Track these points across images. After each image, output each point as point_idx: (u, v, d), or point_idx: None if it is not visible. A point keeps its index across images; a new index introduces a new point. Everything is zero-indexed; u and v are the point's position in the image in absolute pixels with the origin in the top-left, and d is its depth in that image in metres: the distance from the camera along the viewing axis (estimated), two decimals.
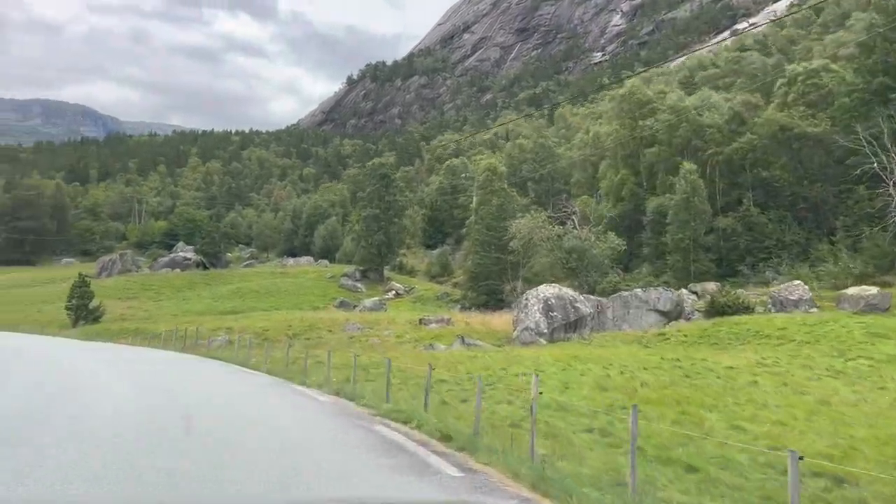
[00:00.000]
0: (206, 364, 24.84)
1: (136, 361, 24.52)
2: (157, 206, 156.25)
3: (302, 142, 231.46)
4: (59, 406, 12.74)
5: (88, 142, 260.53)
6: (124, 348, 32.08)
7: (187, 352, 29.65)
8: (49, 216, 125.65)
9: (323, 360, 22.83)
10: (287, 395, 16.36)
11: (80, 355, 26.39)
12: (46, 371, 20.22)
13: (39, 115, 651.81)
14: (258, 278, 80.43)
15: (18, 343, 31.14)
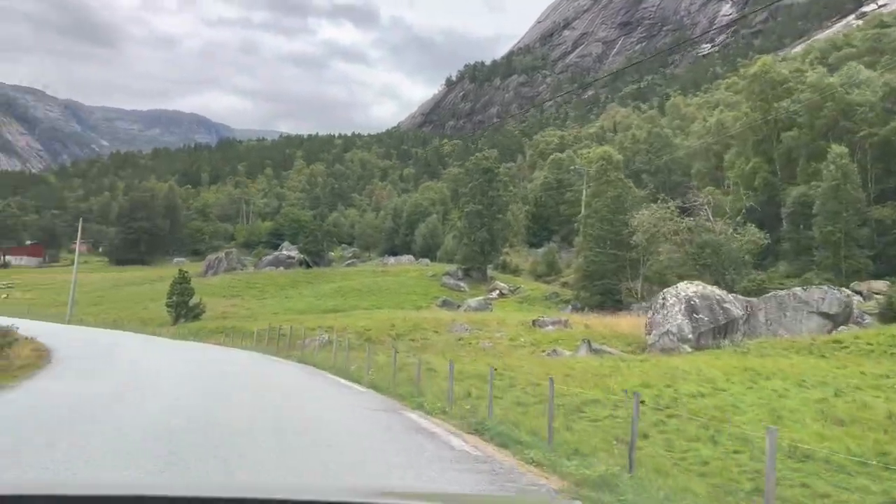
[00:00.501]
0: (296, 371, 21.57)
1: (207, 362, 21.62)
2: (264, 207, 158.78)
3: (402, 143, 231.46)
4: (101, 409, 11.71)
5: (201, 147, 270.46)
6: (211, 348, 29.64)
7: (280, 354, 26.60)
8: (162, 217, 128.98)
9: (435, 368, 18.83)
10: (401, 433, 10.87)
11: (158, 355, 23.81)
12: (111, 371, 17.38)
13: (159, 125, 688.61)
14: (360, 277, 78.17)
15: (107, 341, 29.22)
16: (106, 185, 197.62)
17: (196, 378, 17.16)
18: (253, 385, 17.56)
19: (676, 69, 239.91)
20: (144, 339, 32.26)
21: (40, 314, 50.54)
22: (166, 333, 40.07)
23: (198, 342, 33.93)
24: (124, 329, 41.97)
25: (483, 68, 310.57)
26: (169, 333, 39.92)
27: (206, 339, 35.91)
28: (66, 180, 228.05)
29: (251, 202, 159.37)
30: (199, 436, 9.35)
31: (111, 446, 8.69)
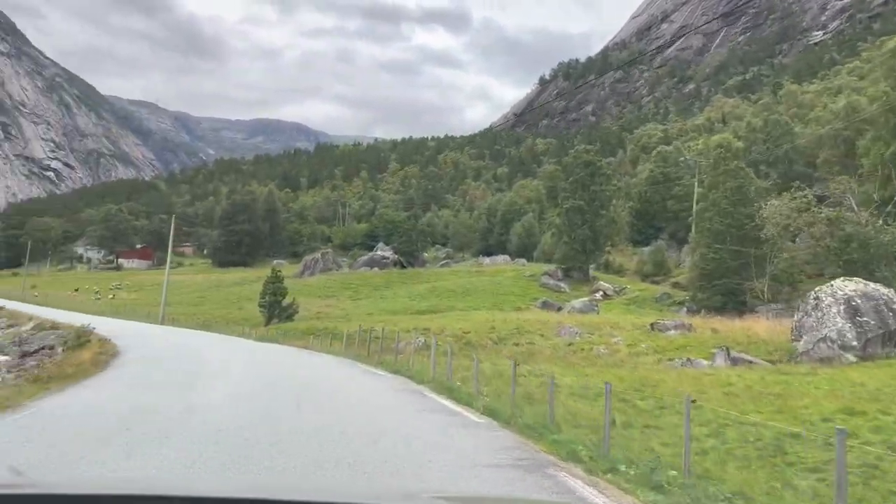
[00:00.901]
0: (388, 387, 17.37)
1: (281, 372, 18.87)
2: (360, 209, 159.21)
3: (495, 143, 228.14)
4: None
5: (300, 153, 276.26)
6: (295, 353, 27.24)
7: (371, 360, 23.54)
8: (262, 219, 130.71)
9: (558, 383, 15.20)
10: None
11: (228, 362, 21.33)
12: (163, 383, 14.80)
13: (262, 133, 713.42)
14: (454, 277, 75.31)
15: (185, 343, 27.42)
16: (210, 191, 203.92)
17: (254, 397, 13.93)
18: (325, 408, 13.51)
19: (785, 58, 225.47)
20: (226, 342, 30.09)
21: (136, 314, 50.25)
22: (255, 335, 38.12)
23: (283, 345, 31.50)
24: (212, 330, 40.43)
25: (577, 66, 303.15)
26: (257, 335, 37.95)
27: (295, 341, 33.54)
28: (174, 187, 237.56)
29: (347, 205, 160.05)
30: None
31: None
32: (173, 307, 64.73)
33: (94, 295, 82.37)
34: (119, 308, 55.73)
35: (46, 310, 52.58)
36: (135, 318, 47.47)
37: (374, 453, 8.94)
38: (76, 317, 40.54)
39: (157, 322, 46.45)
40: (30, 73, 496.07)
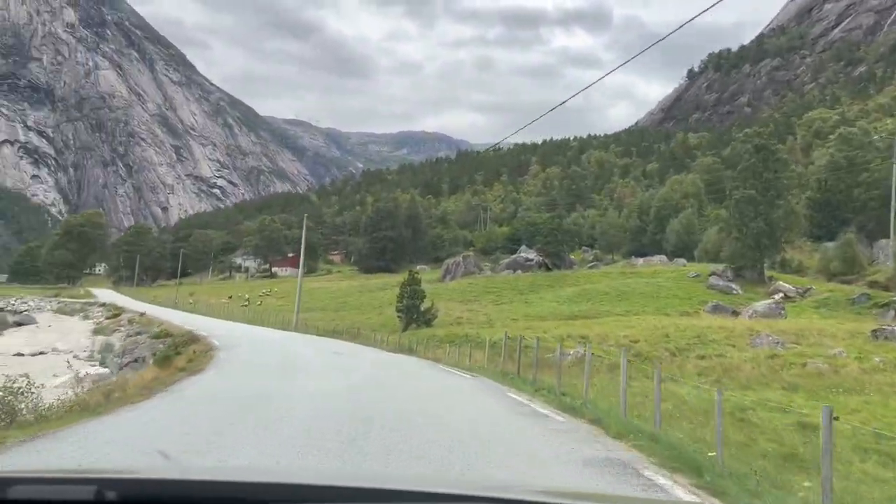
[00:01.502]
0: (566, 443, 10.14)
1: (394, 407, 12.71)
2: (501, 212, 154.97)
3: (642, 140, 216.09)
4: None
5: (442, 161, 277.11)
6: (427, 372, 21.35)
7: (522, 382, 17.49)
8: (405, 225, 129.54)
9: (806, 420, 9.10)
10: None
11: (335, 388, 15.97)
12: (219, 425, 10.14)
13: (406, 145, 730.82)
14: (606, 279, 68.44)
15: (298, 353, 23.63)
16: (357, 201, 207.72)
17: (340, 453, 8.58)
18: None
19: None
20: (347, 353, 25.62)
21: (272, 320, 48.09)
22: (388, 342, 33.91)
23: (415, 357, 27.16)
24: (342, 337, 36.79)
25: (729, 56, 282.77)
26: (390, 343, 33.56)
27: (432, 351, 28.51)
28: (325, 198, 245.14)
29: (488, 208, 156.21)
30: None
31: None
32: (315, 313, 62.83)
33: (244, 301, 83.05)
34: (261, 314, 54.37)
35: (189, 316, 51.90)
36: (269, 325, 45.24)
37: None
38: (210, 323, 38.45)
39: (290, 328, 43.88)
40: (198, 100, 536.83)
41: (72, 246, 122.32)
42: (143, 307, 58.92)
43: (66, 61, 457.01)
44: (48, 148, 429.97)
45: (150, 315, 42.95)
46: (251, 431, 9.00)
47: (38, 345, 30.76)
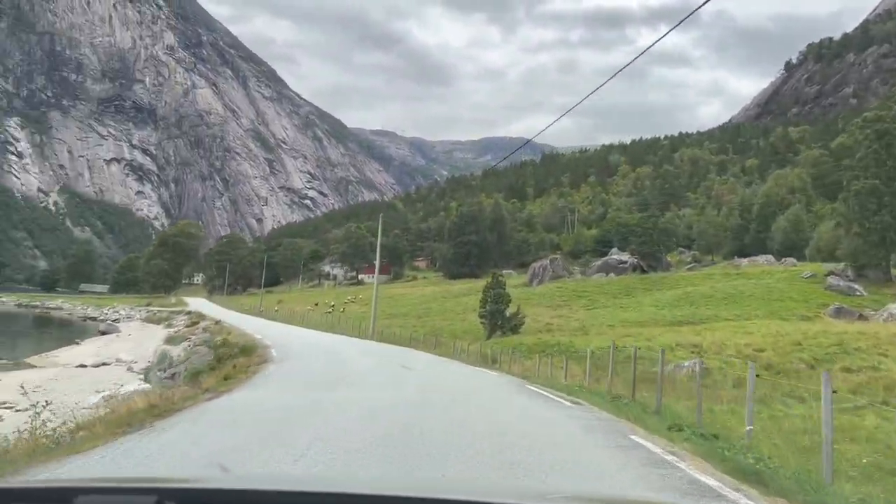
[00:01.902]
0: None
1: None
2: (589, 214, 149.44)
3: (738, 136, 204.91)
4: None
5: (526, 164, 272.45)
6: (513, 393, 15.79)
7: (640, 406, 12.93)
8: (489, 230, 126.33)
9: None
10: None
11: (386, 412, 11.85)
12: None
13: (490, 151, 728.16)
14: (709, 281, 62.89)
15: (360, 368, 20.67)
16: (442, 207, 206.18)
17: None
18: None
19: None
20: (418, 369, 21.97)
21: (350, 327, 45.74)
22: (467, 354, 29.78)
23: (500, 373, 22.42)
24: (419, 347, 33.49)
25: (831, 45, 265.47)
26: (471, 354, 29.51)
27: (519, 364, 24.86)
28: (410, 205, 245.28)
29: (575, 211, 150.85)
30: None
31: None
32: (396, 319, 60.43)
33: (328, 308, 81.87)
34: (341, 321, 52.37)
35: (267, 324, 50.33)
36: (346, 332, 42.88)
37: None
38: (283, 330, 36.24)
39: (366, 336, 41.31)
40: (288, 114, 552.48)
41: (167, 256, 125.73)
42: (224, 315, 58.08)
43: (167, 82, 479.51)
44: (151, 165, 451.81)
45: (225, 323, 41.46)
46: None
47: (106, 355, 29.38)
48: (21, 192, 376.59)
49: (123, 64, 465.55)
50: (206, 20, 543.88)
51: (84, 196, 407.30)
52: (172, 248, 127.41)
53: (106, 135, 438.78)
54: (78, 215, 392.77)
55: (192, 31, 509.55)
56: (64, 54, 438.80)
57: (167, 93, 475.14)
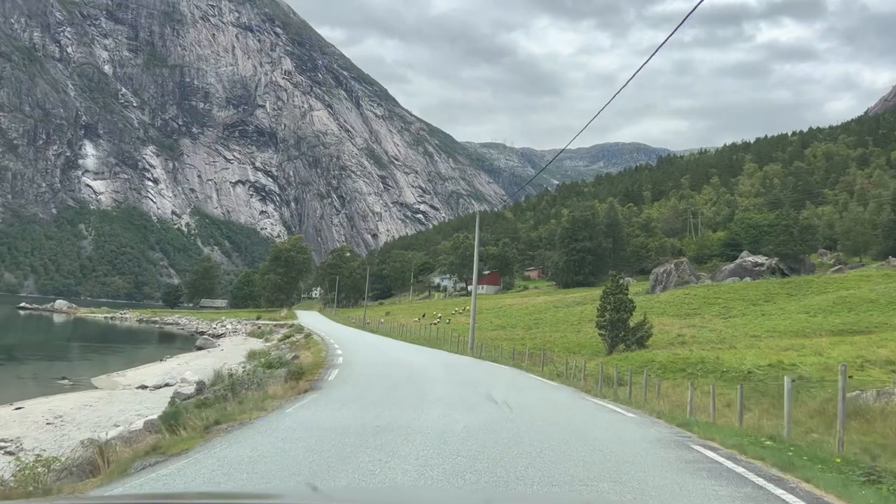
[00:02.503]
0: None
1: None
2: (714, 216, 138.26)
3: (878, 127, 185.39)
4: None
5: (641, 168, 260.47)
6: (676, 465, 8.39)
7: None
8: (604, 235, 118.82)
9: None
10: None
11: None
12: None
13: (602, 158, 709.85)
14: (866, 283, 53.75)
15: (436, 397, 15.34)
16: (552, 214, 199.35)
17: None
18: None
19: None
20: (518, 403, 15.90)
21: (452, 341, 41.02)
22: (585, 374, 23.16)
23: (632, 412, 14.50)
24: (523, 366, 27.53)
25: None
26: (590, 374, 23.20)
27: (660, 392, 18.49)
28: (519, 214, 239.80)
29: (698, 213, 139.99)
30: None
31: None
32: (504, 331, 55.33)
33: (435, 319, 77.91)
34: (444, 333, 47.99)
35: (363, 336, 46.67)
36: (443, 345, 38.23)
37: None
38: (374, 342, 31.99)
39: (465, 350, 36.22)
40: (400, 131, 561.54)
41: (280, 270, 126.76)
42: (325, 328, 55.39)
43: (285, 105, 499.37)
44: (273, 185, 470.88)
45: (316, 336, 38.14)
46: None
47: (176, 374, 26.31)
48: (157, 216, 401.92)
49: (246, 90, 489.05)
50: (321, 44, 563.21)
51: (213, 217, 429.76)
52: (285, 263, 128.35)
53: (231, 158, 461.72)
54: (207, 235, 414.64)
55: (307, 56, 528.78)
56: (192, 85, 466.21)
57: (286, 116, 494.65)
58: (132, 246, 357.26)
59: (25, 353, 42.22)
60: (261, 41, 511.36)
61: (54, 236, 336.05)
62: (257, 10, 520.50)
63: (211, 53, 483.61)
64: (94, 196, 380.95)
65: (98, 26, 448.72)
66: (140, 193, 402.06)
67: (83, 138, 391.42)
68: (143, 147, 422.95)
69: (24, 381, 26.33)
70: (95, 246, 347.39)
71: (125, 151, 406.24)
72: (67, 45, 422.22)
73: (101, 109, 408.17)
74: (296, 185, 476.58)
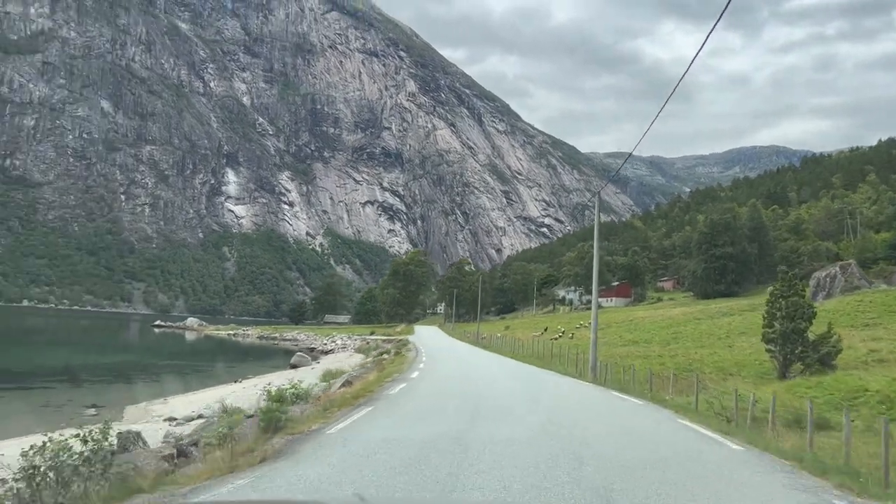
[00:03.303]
0: None
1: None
2: (875, 216, 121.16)
3: None
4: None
5: (784, 169, 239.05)
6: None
7: None
8: (747, 240, 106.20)
9: None
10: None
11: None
12: None
13: (737, 163, 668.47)
14: None
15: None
16: (686, 221, 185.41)
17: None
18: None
19: None
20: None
21: (571, 359, 33.73)
22: (762, 405, 14.32)
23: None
24: (665, 397, 19.12)
25: None
26: (783, 412, 14.46)
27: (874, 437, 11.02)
28: (650, 223, 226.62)
29: (856, 213, 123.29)
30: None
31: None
32: (636, 346, 47.36)
33: (557, 334, 70.51)
34: (565, 349, 40.83)
35: (471, 354, 40.51)
36: (557, 365, 30.83)
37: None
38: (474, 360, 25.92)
39: (583, 372, 28.57)
40: (522, 145, 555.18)
41: (398, 285, 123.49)
42: (435, 343, 50.04)
43: (410, 126, 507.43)
44: (400, 204, 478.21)
45: (409, 354, 32.68)
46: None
47: (235, 399, 21.40)
48: (293, 237, 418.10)
49: (372, 114, 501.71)
50: (443, 64, 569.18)
51: (344, 237, 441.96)
52: (404, 277, 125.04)
53: (360, 180, 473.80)
54: (339, 255, 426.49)
55: (430, 77, 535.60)
56: (323, 111, 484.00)
57: (411, 136, 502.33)
58: (271, 266, 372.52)
59: (95, 372, 39.42)
60: (385, 65, 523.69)
61: (201, 259, 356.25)
62: (381, 36, 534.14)
63: (339, 80, 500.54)
64: (236, 220, 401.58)
65: (237, 61, 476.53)
66: (277, 216, 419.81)
67: (225, 166, 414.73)
68: (279, 172, 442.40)
69: (47, 409, 22.39)
70: (238, 267, 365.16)
71: (263, 177, 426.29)
72: (210, 81, 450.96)
73: (240, 139, 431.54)
74: (421, 203, 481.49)
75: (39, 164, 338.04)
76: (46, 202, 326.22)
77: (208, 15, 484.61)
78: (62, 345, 67.64)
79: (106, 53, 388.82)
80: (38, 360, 44.57)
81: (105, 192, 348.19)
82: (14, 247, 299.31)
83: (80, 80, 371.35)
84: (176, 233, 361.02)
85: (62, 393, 26.87)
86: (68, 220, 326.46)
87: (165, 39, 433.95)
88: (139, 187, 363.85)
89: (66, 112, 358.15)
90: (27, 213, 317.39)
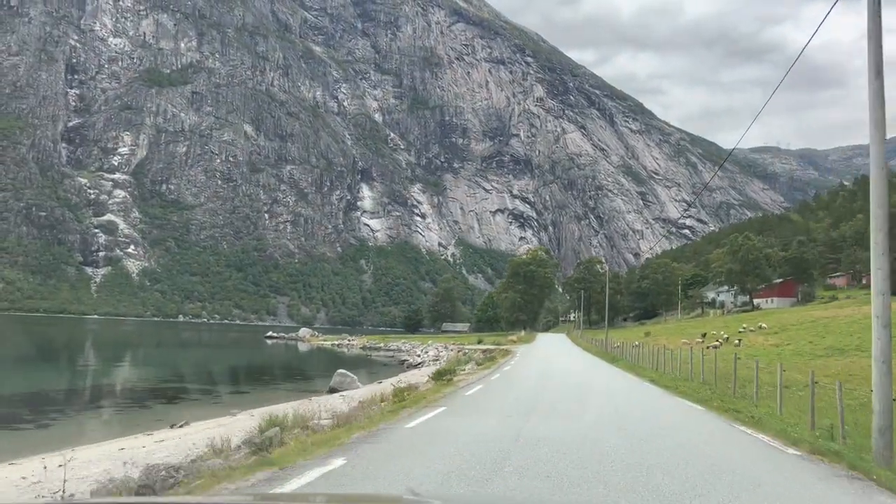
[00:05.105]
0: None
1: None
2: None
3: None
4: None
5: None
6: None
7: None
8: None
9: None
10: None
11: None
12: None
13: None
14: None
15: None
16: (856, 209, 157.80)
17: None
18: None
19: None
20: None
21: (770, 388, 18.96)
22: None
23: None
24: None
25: None
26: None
27: None
28: (808, 215, 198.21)
29: None
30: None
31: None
32: (844, 358, 31.37)
33: (715, 342, 53.96)
34: (731, 362, 26.08)
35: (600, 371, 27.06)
36: (774, 423, 15.83)
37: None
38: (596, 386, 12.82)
39: (862, 448, 14.18)
40: (658, 144, 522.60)
41: (519, 287, 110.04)
42: (545, 354, 37.02)
43: (539, 132, 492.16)
44: (530, 211, 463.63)
45: (504, 370, 20.76)
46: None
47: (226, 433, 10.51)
48: (426, 248, 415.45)
49: (500, 122, 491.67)
50: (571, 66, 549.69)
51: (475, 246, 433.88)
52: (524, 279, 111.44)
53: (490, 189, 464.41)
54: (471, 264, 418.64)
55: (558, 80, 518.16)
56: (451, 122, 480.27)
57: (540, 142, 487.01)
58: (405, 277, 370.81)
59: (126, 395, 32.18)
60: (512, 72, 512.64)
61: (340, 272, 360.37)
62: (507, 43, 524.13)
63: (466, 91, 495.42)
64: (372, 233, 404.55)
65: (368, 79, 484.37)
66: (410, 228, 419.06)
67: (360, 182, 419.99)
68: (411, 185, 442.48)
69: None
70: (374, 279, 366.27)
71: (396, 191, 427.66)
72: (344, 100, 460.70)
73: (373, 154, 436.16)
74: (552, 209, 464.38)
75: (191, 187, 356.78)
76: (198, 223, 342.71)
77: (340, 36, 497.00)
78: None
79: (247, 80, 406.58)
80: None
81: (250, 211, 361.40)
82: (171, 265, 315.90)
83: (225, 106, 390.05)
84: (316, 248, 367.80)
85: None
86: (218, 238, 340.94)
87: (301, 63, 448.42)
88: (281, 205, 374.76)
89: (214, 137, 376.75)
90: (181, 234, 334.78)
